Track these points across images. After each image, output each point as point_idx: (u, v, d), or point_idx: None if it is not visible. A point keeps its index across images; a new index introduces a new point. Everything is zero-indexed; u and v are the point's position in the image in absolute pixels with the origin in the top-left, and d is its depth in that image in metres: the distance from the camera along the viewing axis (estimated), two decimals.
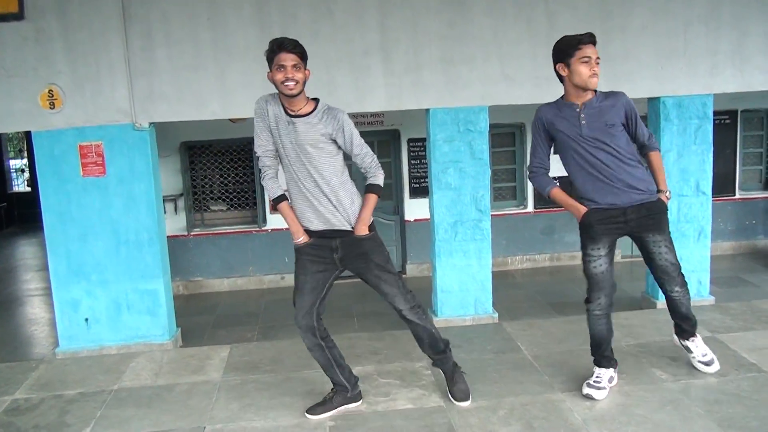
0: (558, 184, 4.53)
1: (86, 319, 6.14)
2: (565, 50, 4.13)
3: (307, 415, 4.30)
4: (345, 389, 4.34)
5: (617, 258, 10.07)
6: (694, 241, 6.76)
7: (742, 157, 10.25)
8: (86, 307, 6.15)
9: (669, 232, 4.31)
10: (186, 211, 9.24)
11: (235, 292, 9.34)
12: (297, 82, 3.91)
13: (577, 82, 4.12)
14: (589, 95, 4.18)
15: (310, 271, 4.12)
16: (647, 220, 4.20)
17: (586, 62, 4.08)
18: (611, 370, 4.50)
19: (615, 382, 4.54)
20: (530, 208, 9.84)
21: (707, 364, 4.63)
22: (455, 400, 4.36)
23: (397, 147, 9.57)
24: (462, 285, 6.51)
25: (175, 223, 9.15)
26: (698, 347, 4.66)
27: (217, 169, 9.48)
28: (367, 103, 6.23)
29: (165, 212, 8.15)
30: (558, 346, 5.38)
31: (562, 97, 4.30)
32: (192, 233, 9.29)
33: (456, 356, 5.19)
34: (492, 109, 6.37)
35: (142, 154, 6.04)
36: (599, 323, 4.39)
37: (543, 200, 9.79)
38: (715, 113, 7.13)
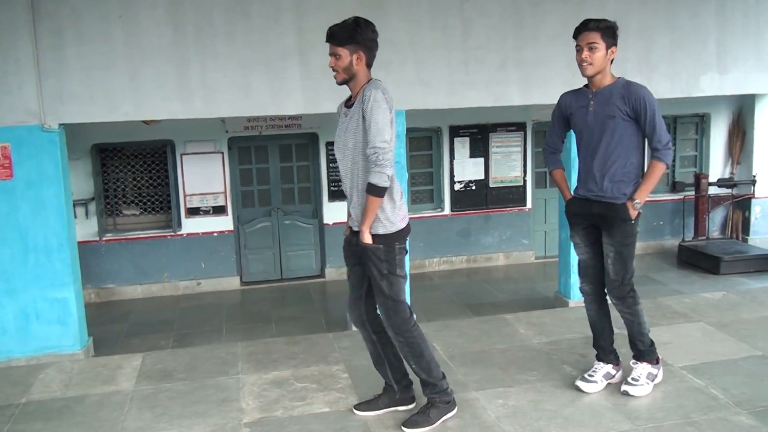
0: (561, 167, 4.54)
1: None
2: (574, 37, 4.23)
3: (354, 411, 4.29)
4: (392, 390, 4.26)
5: (531, 259, 10.33)
6: None
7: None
8: None
9: (625, 243, 4.23)
10: (97, 216, 8.97)
11: (149, 299, 9.11)
12: (338, 71, 3.82)
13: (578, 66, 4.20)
14: (606, 82, 4.17)
15: (349, 265, 4.09)
16: (604, 221, 4.26)
17: (578, 51, 4.16)
18: (609, 366, 4.56)
19: (615, 379, 4.55)
20: (447, 210, 9.97)
21: (629, 384, 4.45)
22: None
23: (315, 150, 9.54)
24: None
25: (86, 228, 8.86)
26: (636, 371, 4.50)
27: (130, 173, 9.24)
28: (285, 105, 6.20)
29: (75, 217, 7.88)
30: (472, 345, 5.48)
31: (586, 85, 4.32)
32: (104, 239, 9.01)
33: None
34: (409, 114, 6.44)
35: (51, 157, 5.83)
36: (588, 308, 4.57)
37: (459, 203, 9.95)
38: None
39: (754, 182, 10.32)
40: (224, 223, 9.29)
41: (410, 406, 4.28)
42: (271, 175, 9.54)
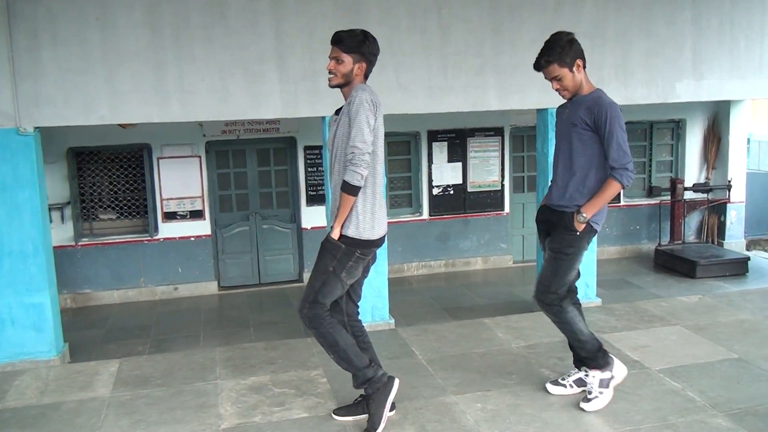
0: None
1: None
2: None
3: (333, 416, 4.27)
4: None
5: (509, 263, 10.37)
6: None
7: None
8: None
9: (562, 252, 4.16)
10: (73, 221, 8.88)
11: (126, 304, 9.03)
12: (335, 75, 3.85)
13: None
14: (584, 92, 4.13)
15: None
16: (552, 226, 4.25)
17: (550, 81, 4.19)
18: (582, 372, 4.45)
19: (577, 389, 4.44)
20: (425, 215, 9.99)
21: (586, 401, 4.31)
22: None
23: (293, 154, 9.52)
24: None
25: (62, 233, 8.77)
26: (589, 383, 4.35)
27: (107, 176, 9.15)
28: (263, 109, 6.18)
29: (51, 221, 7.79)
30: (451, 349, 5.48)
31: None
32: (80, 243, 8.93)
33: None
34: (387, 118, 6.41)
35: (26, 160, 5.76)
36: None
37: (438, 207, 9.98)
38: None
39: (729, 187, 10.46)
40: (202, 228, 9.24)
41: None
42: (249, 179, 9.50)
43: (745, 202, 10.81)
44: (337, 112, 3.97)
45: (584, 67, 4.14)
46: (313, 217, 9.52)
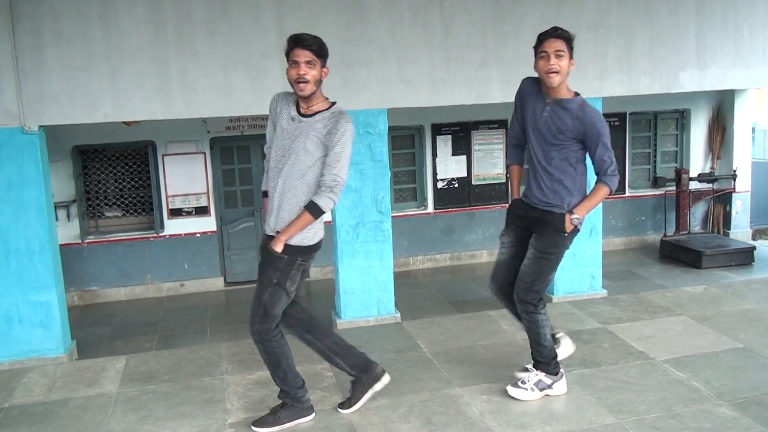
0: (519, 163, 4.45)
1: None
2: (536, 44, 4.14)
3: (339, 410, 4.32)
4: (358, 379, 4.28)
5: None
6: (586, 238, 7.02)
7: (631, 157, 10.72)
8: None
9: (548, 252, 4.19)
10: (79, 218, 8.91)
11: (132, 301, 9.06)
12: (308, 81, 3.74)
13: (538, 75, 4.14)
14: (563, 94, 4.10)
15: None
16: (538, 225, 4.23)
17: (543, 57, 4.06)
18: (536, 372, 4.42)
19: (544, 392, 4.38)
20: (431, 209, 9.99)
21: (515, 385, 4.41)
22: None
23: None
24: (364, 286, 6.54)
25: (68, 230, 8.80)
26: (528, 375, 4.41)
27: (112, 174, 9.18)
28: (266, 105, 5.97)
29: (57, 219, 7.82)
30: (456, 342, 5.49)
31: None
32: (86, 241, 8.96)
33: None
34: (391, 112, 6.45)
35: (31, 159, 5.78)
36: (503, 303, 4.51)
37: (443, 201, 9.97)
38: (605, 115, 7.37)
39: (734, 177, 10.42)
40: (207, 224, 9.26)
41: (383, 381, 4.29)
42: (254, 175, 9.51)
43: (750, 192, 10.76)
44: (300, 111, 3.88)
45: None
46: None
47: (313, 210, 3.78)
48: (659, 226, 10.69)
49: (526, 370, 4.49)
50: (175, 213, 9.13)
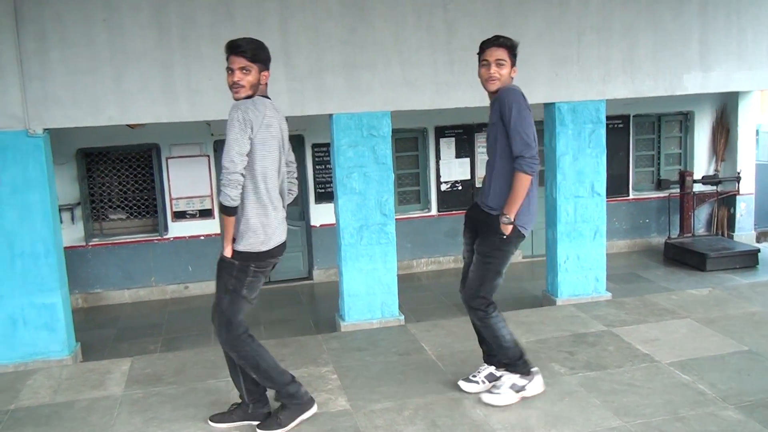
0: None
1: None
2: (479, 51, 4.15)
3: (209, 422, 4.27)
4: (245, 403, 4.22)
5: (518, 258, 10.35)
6: (590, 240, 7.02)
7: (635, 159, 10.71)
8: None
9: (489, 255, 4.18)
10: (84, 221, 8.93)
11: (137, 304, 9.08)
12: (243, 86, 3.73)
13: (480, 82, 4.16)
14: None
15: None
16: (480, 227, 4.23)
17: (484, 65, 4.08)
18: (492, 367, 4.46)
19: (489, 384, 4.40)
20: (434, 211, 9.99)
21: (489, 392, 4.37)
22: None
23: (301, 152, 9.54)
24: (369, 289, 6.54)
25: (73, 233, 8.82)
26: (501, 380, 4.37)
27: (116, 177, 9.20)
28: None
29: (62, 222, 7.83)
30: (461, 345, 5.49)
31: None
32: (90, 243, 8.97)
33: (362, 360, 5.26)
34: (394, 114, 6.46)
35: (36, 162, 5.80)
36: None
37: (446, 203, 9.97)
38: (609, 118, 7.45)
39: (738, 179, 10.41)
40: (211, 227, 9.26)
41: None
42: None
43: (754, 194, 10.75)
44: None
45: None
46: (322, 214, 9.53)
47: (220, 209, 3.77)
48: (663, 229, 10.68)
49: (469, 380, 4.48)
50: (179, 216, 9.14)
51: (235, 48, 3.74)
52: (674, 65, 7.00)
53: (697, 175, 10.54)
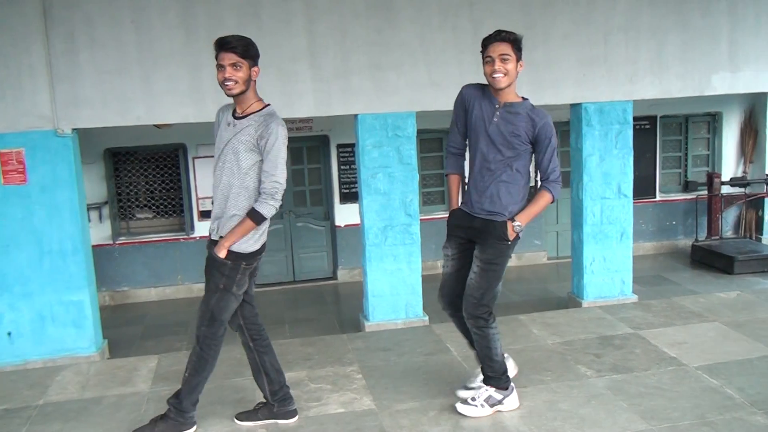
0: (459, 172, 4.39)
1: (9, 333, 5.94)
2: (481, 48, 4.07)
3: (235, 420, 4.29)
4: (269, 403, 4.25)
5: (543, 259, 10.31)
6: (617, 242, 6.97)
7: (662, 160, 10.63)
8: (9, 321, 5.95)
9: (493, 262, 4.07)
10: (111, 220, 9.03)
11: (163, 302, 9.16)
12: (236, 81, 3.73)
13: (486, 80, 4.04)
14: (512, 98, 4.02)
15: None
16: (480, 236, 4.11)
17: (488, 62, 3.95)
18: (485, 387, 4.30)
19: (495, 407, 4.25)
20: None
21: (464, 402, 4.26)
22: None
23: (326, 153, 9.57)
24: (393, 289, 6.55)
25: (100, 231, 8.93)
26: (478, 392, 4.27)
27: (143, 176, 9.30)
28: (296, 108, 6.22)
29: (89, 221, 7.93)
30: None
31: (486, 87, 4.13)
32: (118, 242, 9.08)
33: (387, 359, 5.27)
34: (419, 115, 6.46)
35: (65, 161, 5.88)
36: (453, 321, 4.42)
37: None
38: (635, 119, 7.39)
39: (767, 181, 10.27)
40: None
41: (290, 421, 4.24)
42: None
43: None
44: (235, 115, 3.88)
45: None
46: (346, 214, 9.56)
47: (255, 217, 3.75)
48: (690, 231, 10.58)
49: (467, 388, 4.40)
50: (206, 215, 9.20)
51: (225, 44, 3.74)
52: (703, 65, 6.93)
53: (725, 177, 10.43)
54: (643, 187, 10.19)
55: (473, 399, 4.23)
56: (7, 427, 4.47)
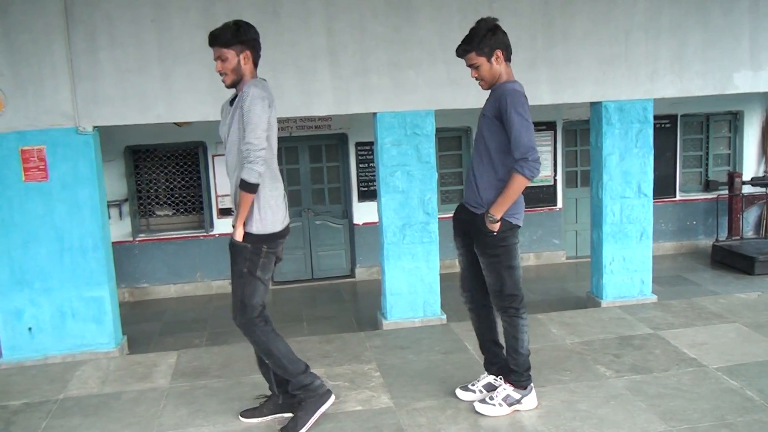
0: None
1: (30, 329, 6.00)
2: None
3: (240, 418, 4.31)
4: (275, 395, 4.26)
5: (562, 259, 10.27)
6: (637, 242, 6.93)
7: (683, 159, 10.54)
8: (30, 316, 6.00)
9: (492, 254, 4.02)
10: (131, 217, 9.11)
11: (182, 299, 9.22)
12: (227, 74, 3.85)
13: None
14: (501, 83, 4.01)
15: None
16: (471, 228, 4.10)
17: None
18: (491, 377, 4.39)
19: (486, 394, 4.32)
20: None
21: (483, 401, 4.26)
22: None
23: (344, 151, 9.59)
24: (411, 287, 6.55)
25: (120, 228, 9.00)
26: (497, 391, 4.27)
27: (163, 174, 9.37)
28: (315, 107, 6.23)
29: (110, 218, 8.00)
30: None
31: None
32: (137, 239, 9.15)
33: (405, 358, 5.28)
34: (438, 113, 6.45)
35: (85, 159, 5.93)
36: (470, 315, 4.44)
37: None
38: (656, 117, 7.33)
39: None
40: None
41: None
42: (302, 175, 9.61)
43: None
44: (232, 102, 3.95)
45: (507, 59, 4.03)
46: (365, 212, 9.57)
47: (242, 186, 3.72)
48: (711, 231, 10.49)
49: (467, 389, 4.42)
50: (225, 212, 9.25)
51: (210, 40, 3.83)
52: (724, 63, 6.87)
53: (746, 177, 10.33)
54: (664, 186, 10.12)
55: (491, 398, 4.24)
56: (27, 421, 4.53)
